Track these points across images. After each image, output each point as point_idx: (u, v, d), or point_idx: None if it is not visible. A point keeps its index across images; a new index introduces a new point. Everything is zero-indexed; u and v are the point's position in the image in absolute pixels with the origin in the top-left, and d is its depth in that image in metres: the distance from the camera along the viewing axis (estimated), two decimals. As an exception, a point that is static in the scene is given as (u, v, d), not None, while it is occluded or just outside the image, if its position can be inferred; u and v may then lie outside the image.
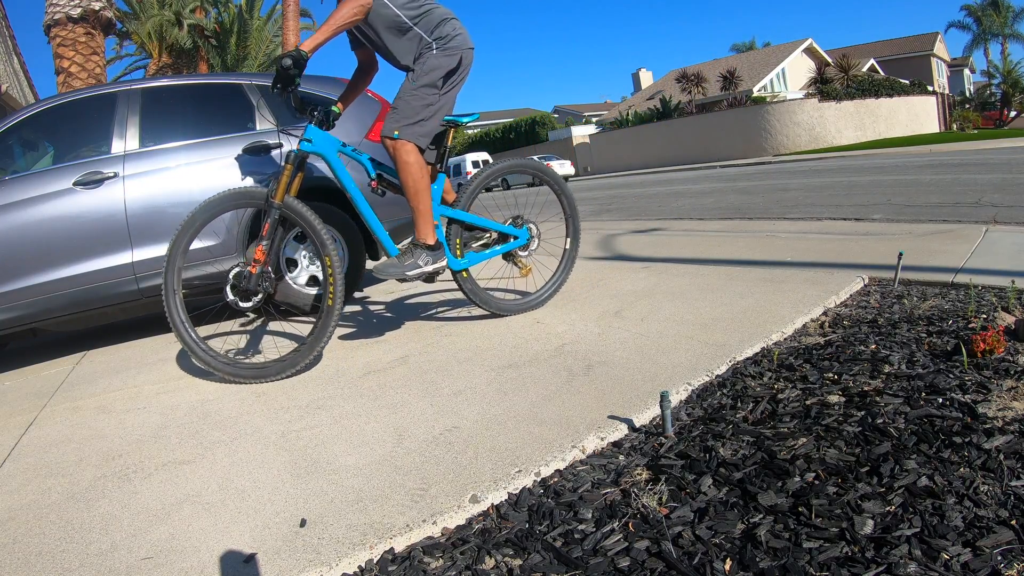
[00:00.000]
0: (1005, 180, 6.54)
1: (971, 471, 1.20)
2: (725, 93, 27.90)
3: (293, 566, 1.17)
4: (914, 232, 3.70)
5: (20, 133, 3.31)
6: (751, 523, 1.15)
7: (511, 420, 1.69)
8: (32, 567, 1.29)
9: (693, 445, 1.46)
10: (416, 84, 2.45)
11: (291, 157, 2.39)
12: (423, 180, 2.47)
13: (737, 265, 3.33)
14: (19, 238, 2.95)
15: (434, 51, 2.47)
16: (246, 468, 1.61)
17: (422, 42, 2.49)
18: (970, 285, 2.38)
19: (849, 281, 2.66)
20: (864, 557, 1.01)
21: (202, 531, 1.33)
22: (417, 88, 2.45)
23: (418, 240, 2.51)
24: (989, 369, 1.63)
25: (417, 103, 2.45)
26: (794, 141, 22.57)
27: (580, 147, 31.85)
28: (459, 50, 2.52)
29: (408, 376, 2.19)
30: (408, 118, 2.44)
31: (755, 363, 1.93)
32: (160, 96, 3.46)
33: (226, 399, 2.20)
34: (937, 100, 27.38)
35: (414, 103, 2.45)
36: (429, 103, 2.47)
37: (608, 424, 1.60)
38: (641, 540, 1.14)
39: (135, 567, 1.24)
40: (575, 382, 1.91)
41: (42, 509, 1.54)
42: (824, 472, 1.26)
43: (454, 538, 1.23)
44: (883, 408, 1.48)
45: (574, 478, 1.40)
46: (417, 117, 2.44)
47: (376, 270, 2.48)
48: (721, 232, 4.73)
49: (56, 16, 9.57)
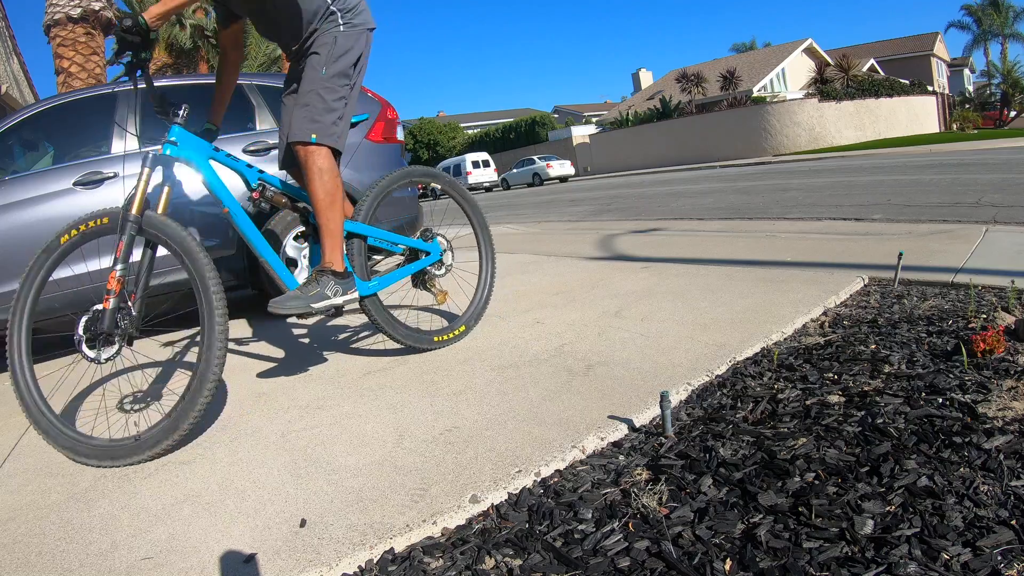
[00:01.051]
0: (1005, 180, 6.54)
1: (971, 471, 1.20)
2: (725, 93, 27.92)
3: (293, 566, 1.17)
4: (914, 232, 3.70)
5: (20, 133, 3.31)
6: (751, 523, 1.15)
7: (511, 420, 1.69)
8: (32, 567, 1.29)
9: (693, 445, 1.46)
10: (328, 73, 2.05)
11: (148, 160, 1.95)
12: (338, 193, 2.07)
13: (737, 265, 3.33)
14: (19, 238, 2.95)
15: (340, 25, 2.07)
16: (246, 468, 1.61)
17: (324, 9, 2.06)
18: (970, 285, 2.38)
19: (849, 281, 2.66)
20: (864, 557, 1.01)
21: (202, 531, 1.33)
22: (330, 78, 2.05)
23: (325, 266, 2.08)
24: (989, 369, 1.63)
25: (331, 97, 2.05)
26: (794, 141, 22.58)
27: (580, 147, 31.87)
28: (365, 29, 2.13)
29: (408, 376, 2.19)
30: (323, 116, 2.04)
31: (755, 363, 1.93)
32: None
33: (226, 399, 2.20)
34: (937, 100, 27.39)
35: (328, 97, 2.04)
36: (342, 96, 2.08)
37: (608, 424, 1.60)
38: (641, 540, 1.14)
39: (135, 567, 1.24)
40: (575, 382, 1.91)
41: (42, 509, 1.54)
42: (824, 472, 1.26)
43: (454, 538, 1.23)
44: (883, 408, 1.48)
45: (574, 478, 1.40)
46: (334, 115, 2.06)
47: (272, 304, 2.00)
48: (721, 232, 4.73)
49: (56, 16, 9.57)
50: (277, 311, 1.99)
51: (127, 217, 1.86)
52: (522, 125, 37.64)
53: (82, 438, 1.80)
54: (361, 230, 2.26)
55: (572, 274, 3.67)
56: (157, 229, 1.87)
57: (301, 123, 2.03)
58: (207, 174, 2.07)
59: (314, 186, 2.04)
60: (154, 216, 1.89)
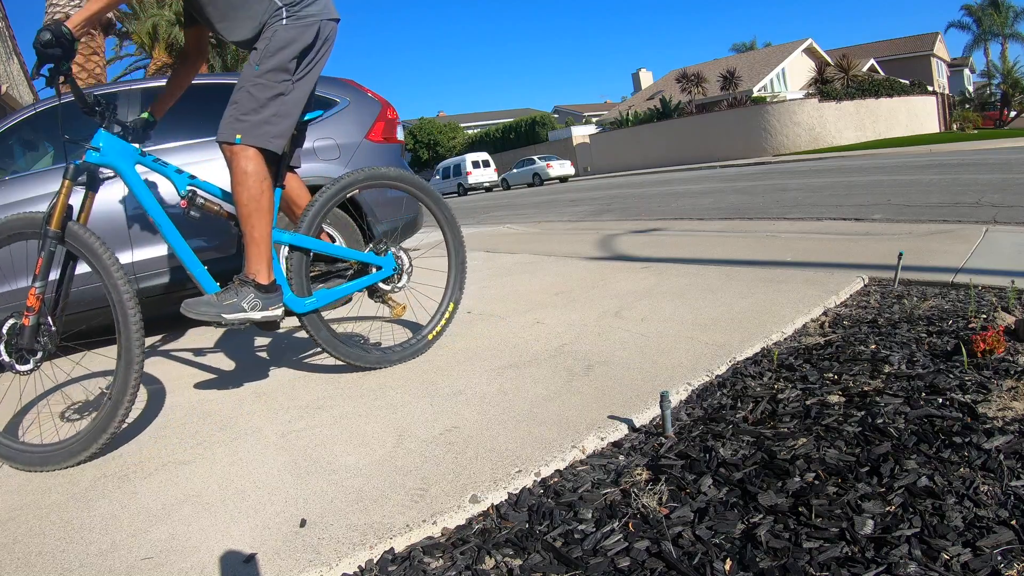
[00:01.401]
0: (1005, 180, 6.54)
1: (971, 471, 1.20)
2: (725, 93, 27.93)
3: (293, 566, 1.17)
4: (914, 232, 3.70)
5: (20, 133, 3.31)
6: (751, 523, 1.15)
7: (511, 420, 1.69)
8: (32, 567, 1.29)
9: (693, 445, 1.46)
10: (262, 68, 1.93)
11: (70, 171, 1.88)
12: (264, 198, 1.94)
13: (737, 265, 3.33)
14: (19, 238, 2.95)
15: (283, 19, 1.96)
16: (246, 468, 1.61)
17: (268, 7, 1.96)
18: (970, 285, 2.38)
19: (849, 281, 2.66)
20: (864, 557, 1.01)
21: (202, 531, 1.33)
22: (263, 74, 1.93)
23: (247, 276, 1.95)
24: (989, 369, 1.63)
25: (264, 94, 1.93)
26: (794, 141, 22.59)
27: (580, 147, 31.88)
28: (317, 20, 2.02)
29: (408, 376, 2.19)
30: (252, 114, 1.92)
31: (755, 363, 1.93)
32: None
33: (226, 399, 2.20)
34: (937, 100, 27.39)
35: (259, 94, 1.93)
36: (279, 92, 1.96)
37: (608, 424, 1.60)
38: (641, 540, 1.14)
39: (135, 567, 1.24)
40: (575, 382, 1.91)
41: (42, 509, 1.54)
42: (824, 472, 1.26)
43: (454, 538, 1.23)
44: (883, 408, 1.48)
45: (574, 478, 1.40)
46: (265, 112, 1.93)
47: (184, 306, 1.92)
48: (721, 232, 4.73)
49: (56, 16, 9.57)
50: (187, 314, 1.92)
51: (46, 233, 1.81)
52: (522, 125, 37.64)
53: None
54: (302, 242, 2.11)
55: (572, 274, 3.67)
56: (78, 243, 1.85)
57: (226, 122, 1.94)
58: (130, 180, 2.00)
59: (237, 190, 1.93)
60: (77, 228, 1.86)
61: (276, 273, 2.05)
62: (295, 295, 2.09)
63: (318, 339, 2.15)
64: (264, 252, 1.97)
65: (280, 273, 2.07)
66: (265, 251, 1.97)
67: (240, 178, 1.93)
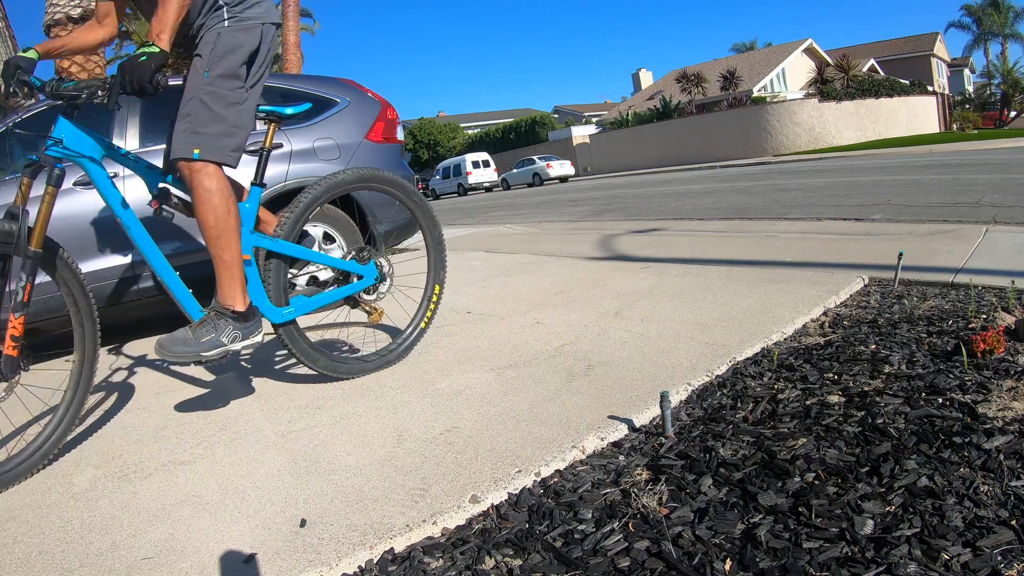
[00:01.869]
0: (1005, 180, 6.54)
1: (971, 471, 1.20)
2: (725, 93, 27.92)
3: (293, 566, 1.17)
4: (914, 232, 3.70)
5: (20, 133, 3.31)
6: (751, 523, 1.15)
7: (511, 420, 1.69)
8: (32, 567, 1.29)
9: (693, 445, 1.46)
10: (212, 75, 1.79)
11: (27, 170, 1.66)
12: (231, 216, 1.80)
13: (737, 265, 3.33)
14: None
15: (225, 20, 1.83)
16: (246, 468, 1.61)
17: (208, 5, 1.83)
18: (970, 285, 2.38)
19: (849, 281, 2.66)
20: (864, 557, 1.01)
21: (202, 531, 1.33)
22: (214, 80, 1.79)
23: (221, 304, 1.82)
24: (989, 369, 1.63)
25: (218, 105, 1.79)
26: (794, 141, 22.59)
27: (580, 147, 31.89)
28: (259, 23, 1.89)
29: (408, 376, 2.19)
30: (208, 126, 1.77)
31: (755, 363, 1.93)
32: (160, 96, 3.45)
33: (226, 399, 2.20)
34: (937, 100, 27.40)
35: (214, 104, 1.79)
36: (233, 101, 1.82)
37: (608, 424, 1.60)
38: (641, 540, 1.14)
39: (135, 567, 1.24)
40: (575, 382, 1.92)
41: (42, 509, 1.54)
42: (824, 472, 1.26)
43: (454, 538, 1.23)
44: (883, 408, 1.48)
45: (574, 478, 1.40)
46: (222, 124, 1.79)
47: (158, 346, 1.78)
48: (721, 232, 4.73)
49: (56, 16, 9.57)
50: (162, 356, 1.77)
51: (25, 251, 1.65)
52: (522, 125, 37.66)
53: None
54: (282, 249, 1.99)
55: (572, 274, 3.67)
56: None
57: (182, 136, 1.77)
58: (97, 177, 1.80)
59: (201, 211, 1.77)
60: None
61: (251, 286, 1.92)
62: (272, 304, 1.98)
63: (294, 350, 2.04)
64: (237, 275, 1.84)
65: (256, 280, 1.96)
66: (238, 274, 1.84)
67: (204, 197, 1.77)
